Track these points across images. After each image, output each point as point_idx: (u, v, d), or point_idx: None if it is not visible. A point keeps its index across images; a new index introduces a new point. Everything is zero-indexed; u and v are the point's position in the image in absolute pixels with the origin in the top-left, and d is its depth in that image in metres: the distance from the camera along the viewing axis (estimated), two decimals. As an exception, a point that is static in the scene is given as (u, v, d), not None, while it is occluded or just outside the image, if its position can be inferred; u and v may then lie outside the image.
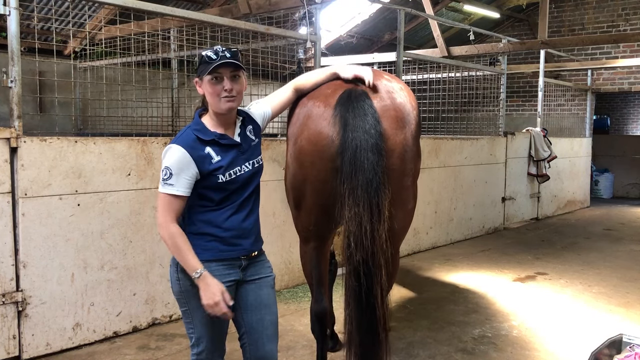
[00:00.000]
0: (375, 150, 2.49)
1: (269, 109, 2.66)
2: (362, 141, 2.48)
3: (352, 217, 2.44)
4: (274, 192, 4.71)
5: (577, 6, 11.89)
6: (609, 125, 15.71)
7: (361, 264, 2.43)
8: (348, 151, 2.49)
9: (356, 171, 2.46)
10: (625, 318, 4.62)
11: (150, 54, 7.00)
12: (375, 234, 2.44)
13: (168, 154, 2.28)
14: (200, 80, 2.33)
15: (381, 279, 2.48)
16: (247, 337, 2.46)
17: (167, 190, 2.25)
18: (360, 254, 2.43)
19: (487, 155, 8.17)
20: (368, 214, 2.43)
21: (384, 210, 2.47)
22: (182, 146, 2.26)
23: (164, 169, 2.26)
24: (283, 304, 4.72)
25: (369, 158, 2.46)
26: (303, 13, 5.40)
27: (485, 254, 6.95)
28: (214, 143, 2.31)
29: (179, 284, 2.35)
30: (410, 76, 9.01)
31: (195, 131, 2.31)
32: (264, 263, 2.52)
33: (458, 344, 4.00)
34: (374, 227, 2.43)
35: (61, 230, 3.65)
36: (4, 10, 3.42)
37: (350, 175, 2.47)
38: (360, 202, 2.43)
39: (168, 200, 2.25)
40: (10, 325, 3.47)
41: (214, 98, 2.30)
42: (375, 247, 2.44)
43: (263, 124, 2.60)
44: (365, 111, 2.55)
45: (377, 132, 2.51)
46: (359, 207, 2.43)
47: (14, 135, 3.42)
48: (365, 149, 2.47)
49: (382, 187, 2.47)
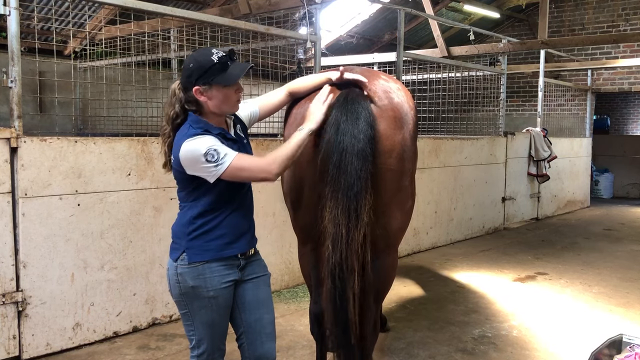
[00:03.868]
0: (361, 155, 2.51)
1: (257, 109, 2.64)
2: (349, 145, 2.51)
3: (331, 220, 2.50)
4: (274, 192, 4.71)
5: (577, 6, 11.89)
6: (609, 125, 15.72)
7: (336, 267, 2.49)
8: (334, 155, 2.52)
9: (339, 175, 2.50)
10: (625, 318, 4.62)
11: (150, 54, 6.99)
12: (350, 238, 2.48)
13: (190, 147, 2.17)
14: (209, 86, 2.24)
15: (354, 283, 2.52)
16: (246, 337, 2.46)
17: (230, 158, 2.17)
18: (335, 257, 2.48)
19: (487, 155, 8.17)
20: (345, 218, 2.47)
21: (362, 216, 2.50)
22: (200, 133, 2.21)
23: (206, 154, 2.14)
24: (283, 304, 4.72)
25: (353, 162, 2.49)
26: (303, 13, 5.40)
27: (485, 254, 6.95)
28: (220, 135, 2.29)
29: (178, 286, 2.33)
30: (410, 76, 9.02)
31: (200, 127, 2.27)
32: (259, 262, 2.53)
33: (458, 344, 4.00)
34: (349, 231, 2.47)
35: (61, 230, 3.65)
36: (4, 10, 3.41)
37: (333, 178, 2.51)
38: (339, 206, 2.48)
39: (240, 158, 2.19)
40: (11, 325, 3.47)
41: (227, 102, 2.28)
42: (350, 251, 2.48)
43: (249, 123, 2.59)
44: (358, 114, 2.56)
45: (365, 137, 2.53)
46: (337, 210, 2.48)
47: (14, 135, 3.42)
48: (351, 153, 2.50)
49: (363, 193, 2.50)
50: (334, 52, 10.20)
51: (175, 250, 2.36)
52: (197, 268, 2.29)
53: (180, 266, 2.31)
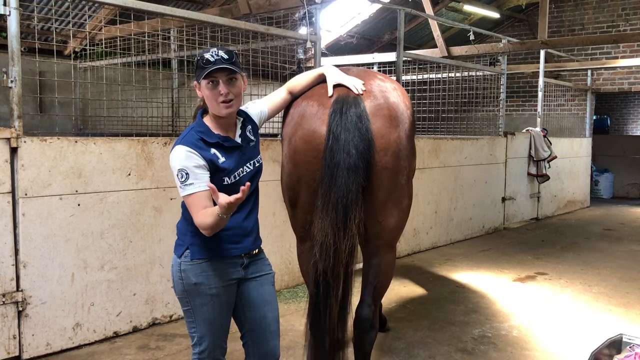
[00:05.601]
0: (352, 170, 2.58)
1: (266, 109, 2.68)
2: (342, 160, 2.58)
3: (320, 230, 2.59)
4: (274, 192, 4.70)
5: (577, 6, 11.90)
6: (609, 125, 15.72)
7: (321, 274, 2.59)
8: (329, 168, 2.60)
9: (330, 188, 2.58)
10: (625, 318, 4.62)
11: (150, 54, 7.00)
12: (338, 248, 2.57)
13: (176, 155, 2.25)
14: (198, 83, 2.32)
15: (337, 292, 2.61)
16: (250, 335, 2.47)
17: (190, 190, 2.21)
18: (321, 265, 2.58)
19: (487, 155, 8.17)
20: (333, 229, 2.56)
21: (351, 227, 2.59)
22: (189, 146, 2.24)
23: (178, 172, 2.22)
24: (283, 304, 4.72)
25: (344, 177, 2.57)
26: (303, 13, 5.40)
27: (485, 254, 6.95)
28: (218, 145, 2.31)
29: (182, 283, 2.35)
30: (410, 76, 9.02)
31: (199, 133, 2.30)
32: (263, 261, 2.54)
33: (458, 344, 4.00)
34: (336, 243, 2.57)
35: (61, 230, 3.65)
36: (4, 10, 3.41)
37: (325, 192, 2.60)
38: (327, 218, 2.57)
39: (194, 200, 2.21)
40: (11, 325, 3.47)
41: (212, 102, 2.30)
42: (336, 260, 2.58)
43: (260, 123, 2.62)
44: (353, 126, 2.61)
45: (357, 152, 2.60)
46: (325, 222, 2.57)
47: (14, 135, 3.42)
48: (342, 168, 2.58)
49: (353, 206, 2.58)
50: (334, 52, 10.20)
51: (179, 247, 2.39)
52: (200, 265, 2.31)
53: (183, 262, 2.34)
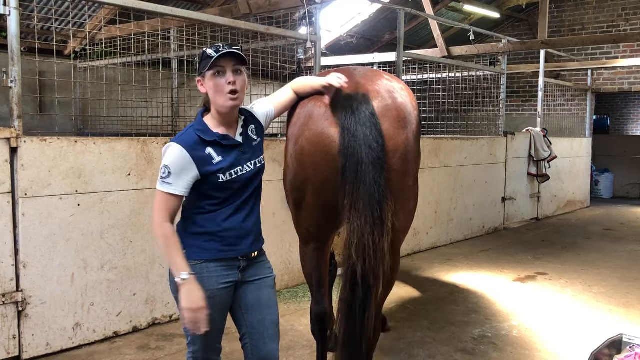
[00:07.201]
0: (378, 163, 2.49)
1: (272, 109, 2.62)
2: (365, 155, 2.48)
3: (353, 230, 2.44)
4: (274, 192, 4.71)
5: (577, 6, 11.89)
6: (609, 126, 15.71)
7: (360, 277, 2.44)
8: (351, 165, 2.49)
9: (358, 185, 2.46)
10: (625, 318, 4.62)
11: (150, 54, 7.00)
12: (377, 247, 2.44)
13: (168, 152, 2.25)
14: (202, 77, 2.29)
15: (377, 291, 2.49)
16: (249, 338, 2.45)
17: (165, 189, 2.23)
18: (360, 267, 2.43)
19: (487, 155, 8.17)
20: (370, 227, 2.43)
21: (387, 223, 2.47)
22: (183, 146, 2.23)
23: (163, 167, 2.24)
24: (283, 304, 4.72)
25: (370, 172, 2.47)
26: (303, 13, 5.40)
27: (485, 254, 6.95)
28: (215, 144, 2.29)
29: (177, 283, 2.34)
30: (410, 76, 9.01)
31: (198, 131, 2.29)
32: (264, 264, 2.50)
33: (458, 344, 4.00)
34: (375, 240, 2.43)
35: (61, 230, 3.65)
36: (4, 10, 3.41)
37: (352, 189, 2.47)
38: (362, 216, 2.43)
39: (165, 198, 2.24)
40: (11, 325, 3.47)
41: (217, 94, 2.26)
42: (377, 259, 2.44)
43: (266, 123, 2.57)
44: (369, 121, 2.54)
45: (379, 146, 2.51)
46: (360, 219, 2.43)
47: (14, 135, 3.42)
48: (367, 163, 2.48)
49: (385, 199, 2.47)
50: (334, 52, 10.20)
51: None
52: (195, 267, 2.28)
53: None
